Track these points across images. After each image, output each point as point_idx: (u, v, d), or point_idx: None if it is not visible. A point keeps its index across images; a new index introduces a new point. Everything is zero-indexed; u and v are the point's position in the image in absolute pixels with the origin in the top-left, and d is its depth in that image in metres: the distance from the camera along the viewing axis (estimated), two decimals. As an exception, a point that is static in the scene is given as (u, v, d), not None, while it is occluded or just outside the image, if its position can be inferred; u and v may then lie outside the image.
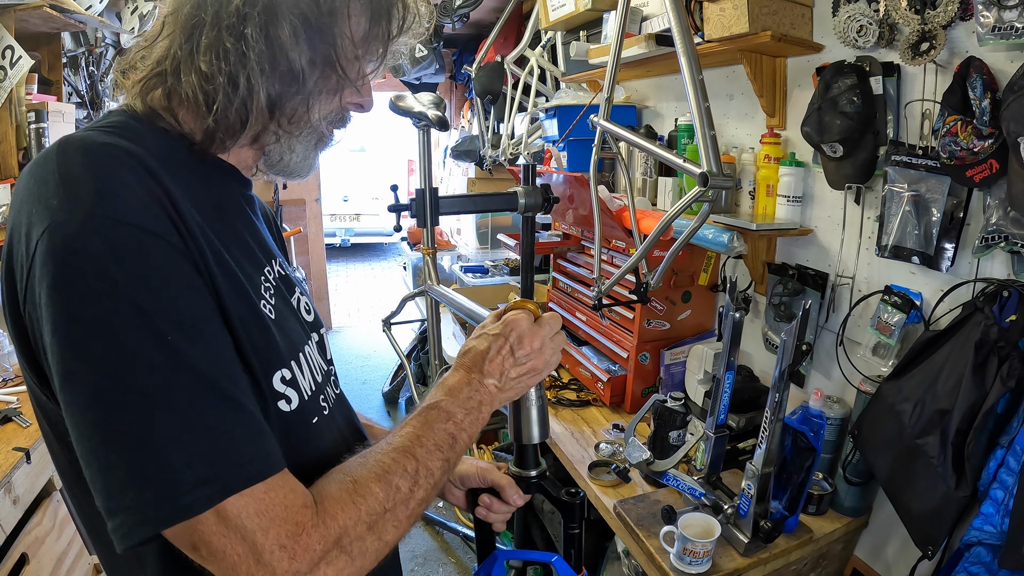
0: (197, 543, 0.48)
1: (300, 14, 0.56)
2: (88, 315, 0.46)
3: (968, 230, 1.19)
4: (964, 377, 1.08)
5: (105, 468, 0.46)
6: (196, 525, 0.47)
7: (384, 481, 0.57)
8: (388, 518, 0.56)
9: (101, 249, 0.46)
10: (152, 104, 0.59)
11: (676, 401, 1.50)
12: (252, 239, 0.65)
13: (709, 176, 1.03)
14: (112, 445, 0.46)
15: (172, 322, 0.48)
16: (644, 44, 1.58)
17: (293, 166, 0.67)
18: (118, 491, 0.46)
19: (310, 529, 0.51)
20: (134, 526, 0.46)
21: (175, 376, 0.47)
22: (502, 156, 2.86)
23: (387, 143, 8.42)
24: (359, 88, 0.65)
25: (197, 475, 0.47)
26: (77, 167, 0.49)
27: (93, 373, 0.46)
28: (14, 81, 1.96)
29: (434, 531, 2.69)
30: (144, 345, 0.47)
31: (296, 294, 0.72)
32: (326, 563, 0.51)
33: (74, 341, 0.46)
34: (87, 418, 0.46)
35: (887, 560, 1.38)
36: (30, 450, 1.42)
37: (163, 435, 0.46)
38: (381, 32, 0.62)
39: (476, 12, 2.85)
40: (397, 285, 6.31)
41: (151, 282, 0.48)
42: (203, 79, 0.56)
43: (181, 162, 0.58)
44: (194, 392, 0.48)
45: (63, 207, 0.47)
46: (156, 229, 0.49)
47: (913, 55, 1.18)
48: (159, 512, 0.46)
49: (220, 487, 0.48)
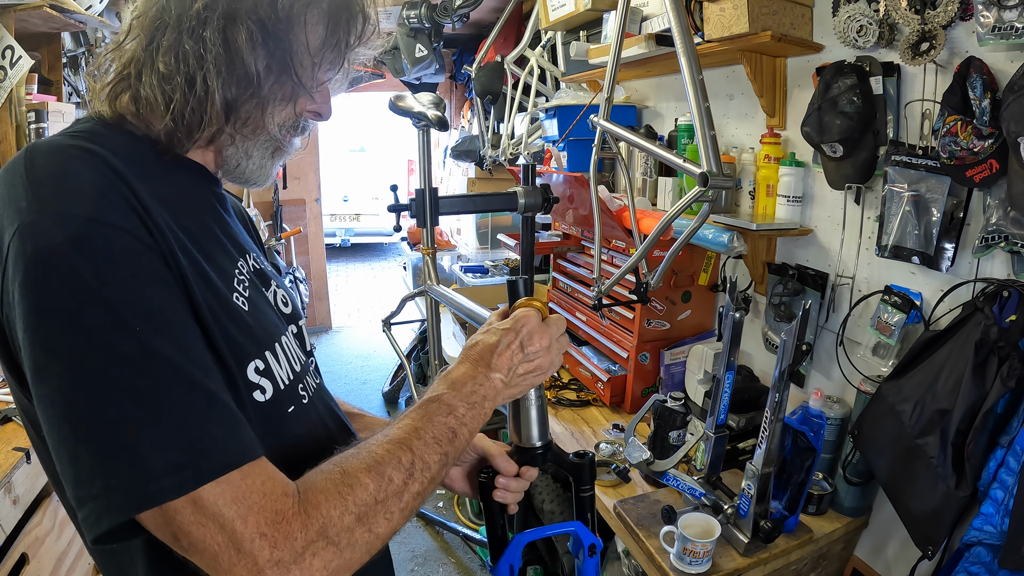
0: (177, 533, 0.48)
1: (258, 20, 0.58)
2: (55, 310, 0.47)
3: (968, 230, 1.19)
4: (964, 377, 1.08)
5: (73, 459, 0.47)
6: (173, 515, 0.47)
7: (376, 472, 0.56)
8: (379, 510, 0.55)
9: (68, 245, 0.47)
10: (119, 109, 0.60)
11: (676, 401, 1.50)
12: (223, 234, 0.67)
13: (709, 176, 1.03)
14: (80, 435, 0.47)
15: (139, 314, 0.49)
16: (644, 44, 1.58)
17: (249, 173, 0.68)
18: (86, 480, 0.46)
19: (291, 517, 0.50)
20: (101, 513, 0.46)
21: (144, 366, 0.48)
22: (502, 156, 2.86)
23: (387, 143, 8.42)
24: (314, 96, 0.66)
25: (168, 462, 0.47)
26: (44, 170, 0.51)
27: (61, 366, 0.47)
28: (14, 81, 1.96)
29: (434, 531, 2.69)
30: (111, 337, 0.47)
31: (272, 287, 0.73)
32: (311, 553, 0.50)
33: (43, 336, 0.47)
34: (56, 411, 0.47)
35: (887, 560, 1.38)
36: (30, 450, 1.42)
37: (132, 424, 0.47)
38: (339, 41, 0.64)
39: (476, 12, 2.85)
40: (397, 285, 6.30)
41: (117, 275, 0.49)
42: (162, 79, 0.58)
43: (148, 163, 0.59)
44: (163, 381, 0.48)
45: (31, 208, 0.48)
46: (122, 224, 0.50)
47: (913, 55, 1.18)
48: (126, 499, 0.46)
49: (193, 474, 0.47)
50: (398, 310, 1.92)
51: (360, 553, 0.54)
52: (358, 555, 0.54)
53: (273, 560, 0.48)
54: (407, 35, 3.02)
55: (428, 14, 2.81)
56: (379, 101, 5.94)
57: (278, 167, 0.71)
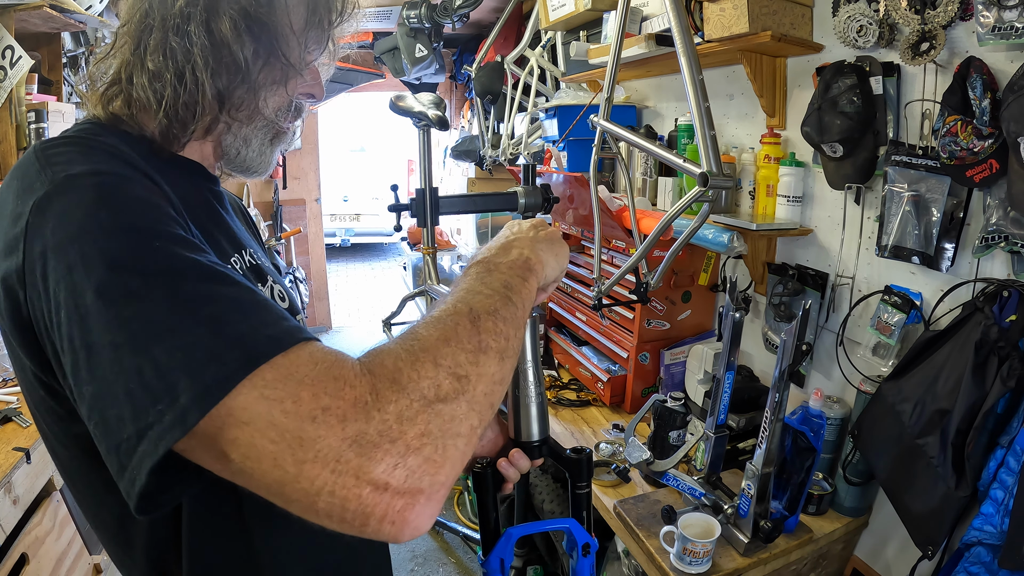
0: (224, 455, 0.40)
1: (240, 8, 0.59)
2: (83, 252, 0.45)
3: (968, 230, 1.19)
4: (964, 377, 1.08)
5: (138, 373, 0.41)
6: (217, 424, 0.39)
7: (438, 324, 0.49)
8: (455, 350, 0.46)
9: (87, 193, 0.48)
10: (114, 111, 0.61)
11: (676, 401, 1.50)
12: (219, 231, 0.68)
13: (709, 176, 1.03)
14: (141, 357, 0.41)
15: (170, 238, 0.48)
16: (644, 44, 1.58)
17: (250, 161, 0.69)
18: (150, 405, 0.41)
19: (355, 381, 0.41)
20: (162, 434, 0.40)
21: (178, 275, 0.45)
22: (502, 156, 2.86)
23: (387, 143, 8.42)
24: (304, 75, 0.67)
25: (213, 356, 0.41)
26: (55, 155, 0.52)
27: (104, 300, 0.43)
28: (14, 81, 1.96)
29: (434, 531, 2.69)
30: (142, 257, 0.45)
31: (269, 283, 0.74)
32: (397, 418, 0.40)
33: (83, 282, 0.44)
34: (105, 340, 0.43)
35: (887, 560, 1.38)
36: (30, 450, 1.42)
37: (181, 332, 0.42)
38: (321, 19, 0.65)
39: (476, 12, 2.85)
40: (397, 285, 6.30)
41: (133, 205, 0.49)
42: (152, 78, 0.59)
43: (145, 161, 0.59)
44: (202, 284, 0.45)
45: (43, 184, 0.49)
46: (137, 178, 0.51)
47: (913, 55, 1.18)
48: (195, 400, 0.39)
49: (237, 363, 0.40)
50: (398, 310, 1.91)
51: (461, 408, 0.44)
52: (461, 411, 0.44)
53: (349, 437, 0.39)
54: (407, 35, 3.01)
55: (428, 14, 2.81)
56: (379, 101, 5.94)
57: (278, 154, 0.72)
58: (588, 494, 0.86)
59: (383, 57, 3.32)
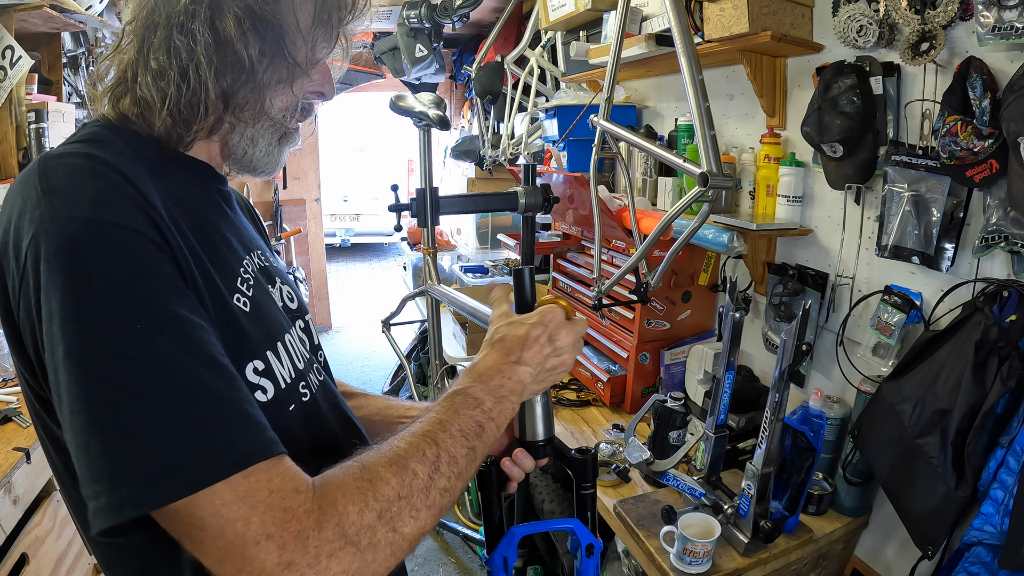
0: (181, 535, 0.46)
1: (245, 6, 0.58)
2: (65, 308, 0.47)
3: (968, 230, 1.19)
4: (964, 377, 1.08)
5: (83, 452, 0.46)
6: (175, 517, 0.46)
7: (398, 466, 0.54)
8: (403, 507, 0.52)
9: (77, 245, 0.48)
10: (123, 110, 0.61)
11: (676, 401, 1.50)
12: (229, 232, 0.67)
13: (709, 176, 1.03)
14: (91, 430, 0.46)
15: (143, 312, 0.48)
16: (644, 44, 1.58)
17: (257, 161, 0.68)
18: (92, 480, 0.46)
19: (302, 515, 0.47)
20: (106, 511, 0.45)
21: (144, 365, 0.47)
22: (502, 156, 2.86)
23: (387, 143, 8.42)
24: (311, 75, 0.66)
25: (165, 465, 0.45)
26: (57, 180, 0.51)
27: (68, 361, 0.46)
28: (14, 81, 1.96)
29: (434, 531, 2.69)
30: (114, 335, 0.47)
31: (278, 284, 0.73)
32: (328, 555, 0.47)
33: (54, 334, 0.47)
34: (65, 405, 0.47)
35: (887, 560, 1.38)
36: (30, 450, 1.42)
37: (129, 425, 0.46)
38: (329, 17, 0.63)
39: (476, 12, 2.85)
40: (397, 285, 6.30)
41: (122, 273, 0.48)
42: (156, 76, 0.58)
43: (153, 163, 0.59)
44: (163, 381, 0.47)
45: (43, 216, 0.49)
46: (131, 224, 0.50)
47: (913, 55, 1.18)
48: (133, 496, 0.45)
49: (190, 478, 0.45)
50: (398, 310, 1.92)
51: (383, 555, 0.51)
52: (381, 557, 0.50)
53: (283, 563, 0.45)
54: (407, 35, 3.01)
55: (428, 14, 2.80)
56: (379, 101, 5.93)
57: (286, 154, 0.71)
58: (592, 495, 0.86)
59: (383, 57, 3.32)
